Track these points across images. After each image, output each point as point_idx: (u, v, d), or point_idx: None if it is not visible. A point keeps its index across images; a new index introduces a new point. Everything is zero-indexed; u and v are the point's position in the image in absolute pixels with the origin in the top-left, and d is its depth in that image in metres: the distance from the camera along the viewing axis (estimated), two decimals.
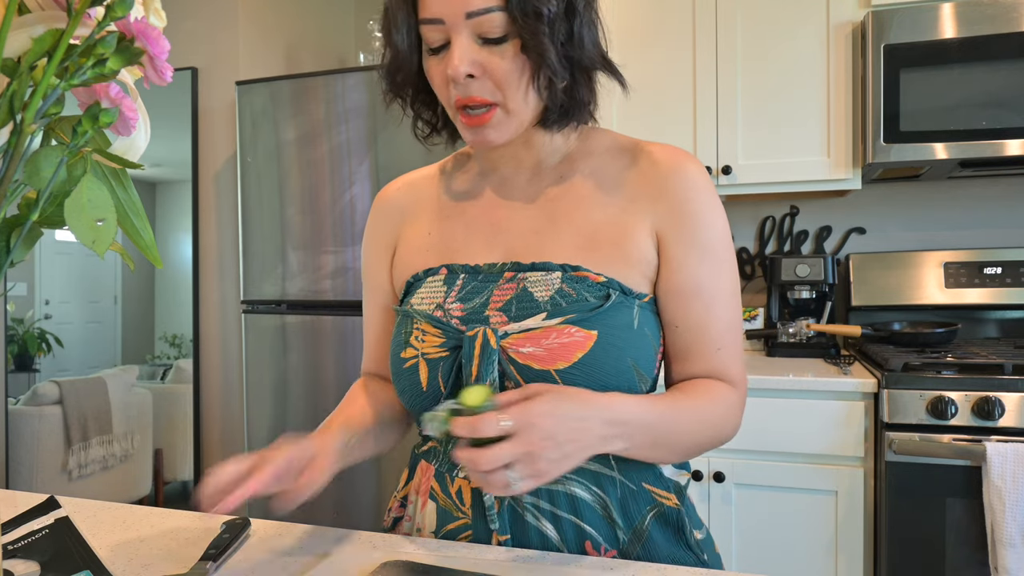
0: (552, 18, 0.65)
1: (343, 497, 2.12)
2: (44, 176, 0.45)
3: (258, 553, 0.70)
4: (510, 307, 0.71)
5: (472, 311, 0.73)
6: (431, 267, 0.78)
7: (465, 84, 0.67)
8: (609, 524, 0.70)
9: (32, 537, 0.73)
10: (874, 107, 1.80)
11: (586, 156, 0.78)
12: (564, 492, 0.70)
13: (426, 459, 0.79)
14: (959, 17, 1.74)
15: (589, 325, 0.68)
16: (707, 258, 0.73)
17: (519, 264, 0.73)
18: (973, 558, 1.51)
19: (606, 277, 0.70)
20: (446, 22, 0.66)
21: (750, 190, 1.99)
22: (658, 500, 0.73)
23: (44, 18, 0.45)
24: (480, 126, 0.70)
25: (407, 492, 0.82)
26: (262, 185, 2.19)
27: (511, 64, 0.66)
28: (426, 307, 0.76)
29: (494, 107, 0.69)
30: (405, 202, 0.85)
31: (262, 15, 2.57)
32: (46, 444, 2.54)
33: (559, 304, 0.69)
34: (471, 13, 0.64)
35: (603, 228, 0.73)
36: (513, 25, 0.65)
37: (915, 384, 1.55)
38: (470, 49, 0.66)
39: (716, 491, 1.74)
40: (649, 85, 2.05)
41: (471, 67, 0.66)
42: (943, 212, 2.15)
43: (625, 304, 0.70)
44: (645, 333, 0.71)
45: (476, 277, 0.75)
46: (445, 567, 0.63)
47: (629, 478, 0.72)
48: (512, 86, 0.67)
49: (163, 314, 2.63)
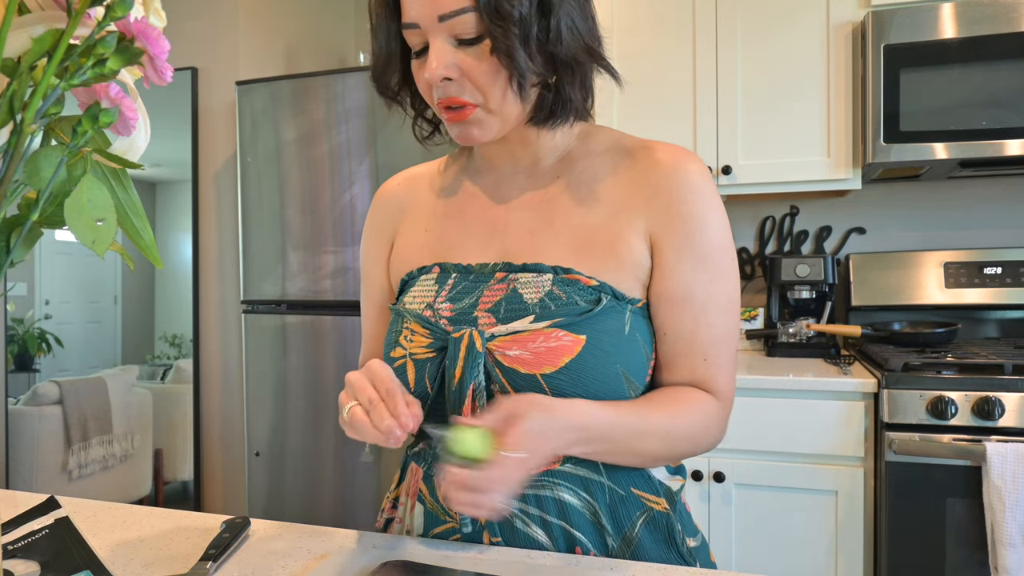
0: (523, 17, 0.63)
1: (343, 497, 2.12)
2: (44, 176, 0.45)
3: (258, 553, 0.70)
4: (499, 308, 0.70)
5: (461, 311, 0.72)
6: (425, 265, 0.78)
7: (444, 86, 0.67)
8: (598, 530, 0.70)
9: (32, 537, 0.73)
10: (874, 107, 1.80)
11: (586, 155, 0.76)
12: (552, 497, 0.69)
13: (416, 461, 0.78)
14: (959, 17, 1.74)
15: (578, 329, 0.67)
16: (701, 264, 0.70)
17: (511, 265, 0.72)
18: (973, 558, 1.51)
19: (598, 281, 0.69)
20: (421, 26, 0.66)
21: (750, 190, 1.99)
22: (647, 505, 0.72)
23: (44, 18, 0.45)
24: (461, 122, 0.69)
25: (398, 493, 0.82)
26: (262, 185, 2.19)
27: (488, 64, 0.66)
28: (417, 306, 0.75)
29: (473, 106, 0.68)
30: (405, 197, 0.85)
31: (262, 15, 2.57)
32: (46, 444, 2.54)
33: (548, 307, 0.68)
34: (443, 16, 0.64)
35: (598, 230, 0.71)
36: (484, 25, 0.64)
37: (915, 384, 1.55)
38: (446, 52, 0.66)
39: (716, 491, 1.74)
40: (649, 85, 2.05)
41: (447, 70, 0.66)
42: (943, 212, 2.15)
43: (616, 309, 0.69)
44: (636, 339, 0.69)
45: (468, 277, 0.74)
46: (445, 567, 0.63)
47: (617, 483, 0.71)
48: (490, 86, 0.67)
49: (163, 314, 2.63)
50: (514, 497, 0.60)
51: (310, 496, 2.16)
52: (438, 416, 0.74)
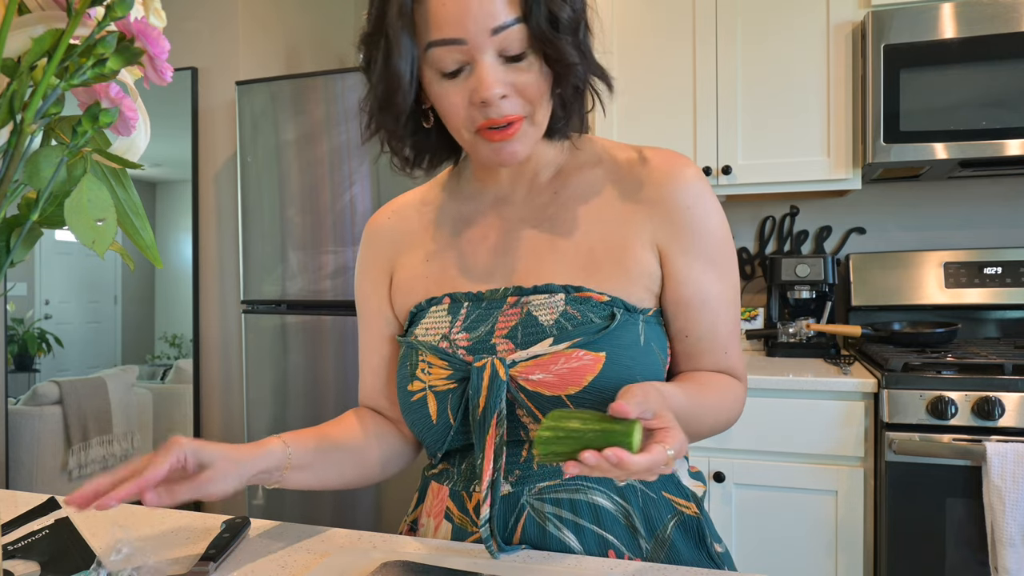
0: (572, 25, 0.64)
1: (343, 497, 2.12)
2: (44, 176, 0.45)
3: (258, 553, 0.70)
4: (516, 333, 0.70)
5: (478, 340, 0.71)
6: (433, 296, 0.76)
7: (498, 105, 0.65)
8: (631, 533, 0.70)
9: (32, 537, 0.73)
10: (874, 107, 1.80)
11: (578, 169, 0.76)
12: (586, 501, 0.69)
13: (438, 480, 0.77)
14: (959, 17, 1.74)
15: (597, 347, 0.67)
16: (711, 265, 0.72)
17: (521, 288, 0.72)
18: (973, 558, 1.51)
19: (609, 296, 0.69)
20: (469, 42, 0.62)
21: (750, 190, 1.99)
22: (678, 508, 0.73)
23: (44, 18, 0.45)
24: (506, 140, 0.67)
25: (417, 516, 0.81)
26: (262, 185, 2.19)
27: (537, 78, 0.65)
28: (431, 338, 0.74)
29: (521, 119, 0.67)
30: (396, 229, 0.83)
31: (262, 15, 2.57)
32: (46, 444, 2.54)
33: (565, 327, 0.68)
34: (497, 28, 0.62)
35: (602, 245, 0.72)
36: (532, 38, 0.63)
37: (915, 384, 1.55)
38: (498, 68, 0.64)
39: (716, 491, 1.74)
40: (649, 86, 2.05)
41: (504, 87, 0.64)
42: (943, 212, 2.15)
43: (630, 322, 0.69)
44: (652, 348, 0.71)
45: (480, 304, 0.73)
46: (445, 567, 0.63)
47: (649, 487, 0.72)
48: (540, 98, 0.66)
49: (163, 314, 2.63)
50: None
51: (310, 496, 2.17)
52: (459, 445, 0.74)
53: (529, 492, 0.70)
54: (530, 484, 0.70)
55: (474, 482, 0.73)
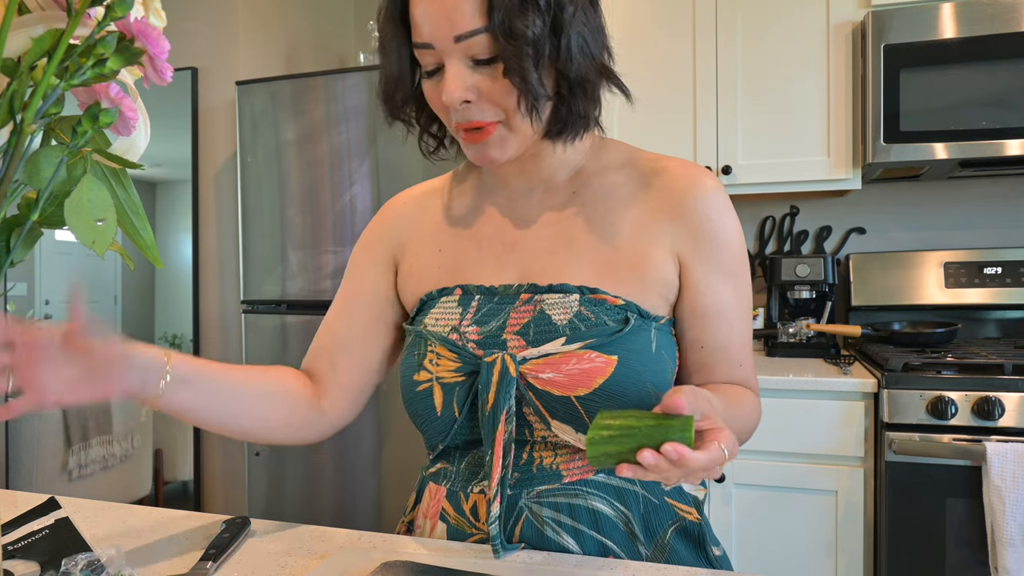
0: (536, 38, 0.62)
1: (343, 497, 2.12)
2: (44, 176, 0.45)
3: (258, 553, 0.70)
4: (528, 330, 0.70)
5: (489, 334, 0.71)
6: (445, 287, 0.76)
7: (463, 109, 0.66)
8: (630, 539, 0.70)
9: (32, 537, 0.73)
10: (874, 107, 1.80)
11: (600, 172, 0.76)
12: (586, 507, 0.69)
13: (435, 481, 0.77)
14: (959, 17, 1.74)
15: (609, 350, 0.67)
16: (729, 278, 0.73)
17: (536, 286, 0.72)
18: (973, 558, 1.51)
19: (624, 300, 0.69)
20: (436, 47, 0.64)
21: (750, 190, 1.99)
22: (680, 514, 0.73)
23: (44, 18, 0.45)
24: (481, 142, 0.68)
25: (413, 516, 0.81)
26: (262, 185, 2.19)
27: (505, 84, 0.65)
28: (441, 329, 0.74)
29: (495, 123, 0.67)
30: (413, 215, 0.83)
31: (262, 15, 2.57)
32: (46, 444, 2.54)
33: (578, 328, 0.68)
34: (459, 36, 0.63)
35: (620, 249, 0.72)
36: (498, 46, 0.63)
37: (915, 384, 1.55)
38: (463, 74, 0.64)
39: (716, 491, 1.74)
40: (649, 86, 2.04)
41: (466, 92, 0.65)
42: (943, 212, 2.15)
43: (643, 328, 0.69)
44: (663, 356, 0.71)
45: (492, 299, 0.73)
46: (445, 567, 0.63)
47: (652, 492, 0.72)
48: (511, 104, 0.66)
49: (163, 314, 2.63)
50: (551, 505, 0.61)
51: (310, 496, 2.16)
52: (461, 440, 0.73)
53: (527, 495, 0.70)
54: (528, 487, 0.70)
55: (473, 482, 0.73)
